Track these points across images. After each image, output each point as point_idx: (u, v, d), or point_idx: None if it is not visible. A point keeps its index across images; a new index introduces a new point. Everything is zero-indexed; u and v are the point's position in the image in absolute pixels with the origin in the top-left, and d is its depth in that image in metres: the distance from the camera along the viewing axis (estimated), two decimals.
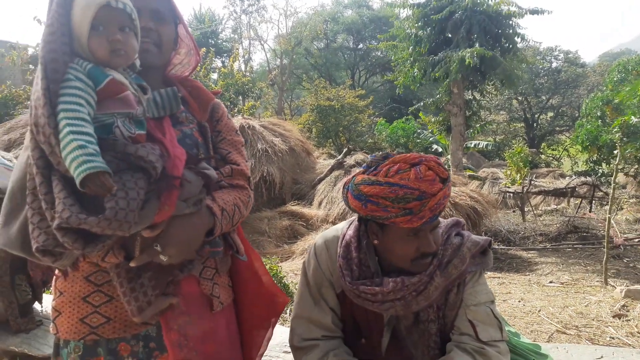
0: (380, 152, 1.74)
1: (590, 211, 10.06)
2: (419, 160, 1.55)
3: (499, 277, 5.78)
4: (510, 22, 10.76)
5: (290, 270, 5.73)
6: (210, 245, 1.35)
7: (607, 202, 9.23)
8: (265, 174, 9.00)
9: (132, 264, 1.18)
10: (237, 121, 9.73)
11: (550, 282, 5.52)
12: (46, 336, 2.72)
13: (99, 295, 1.27)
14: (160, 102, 1.30)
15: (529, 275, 6.07)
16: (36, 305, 3.04)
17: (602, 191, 10.59)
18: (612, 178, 5.79)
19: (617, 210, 10.18)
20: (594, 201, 10.57)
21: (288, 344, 1.83)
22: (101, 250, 1.11)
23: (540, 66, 23.99)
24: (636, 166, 10.16)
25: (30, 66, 12.73)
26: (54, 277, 1.36)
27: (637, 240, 7.74)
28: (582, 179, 11.51)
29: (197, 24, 25.93)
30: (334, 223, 7.87)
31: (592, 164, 11.15)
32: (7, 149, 7.81)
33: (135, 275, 1.21)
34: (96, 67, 1.13)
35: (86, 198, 1.05)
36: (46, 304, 2.92)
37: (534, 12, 10.53)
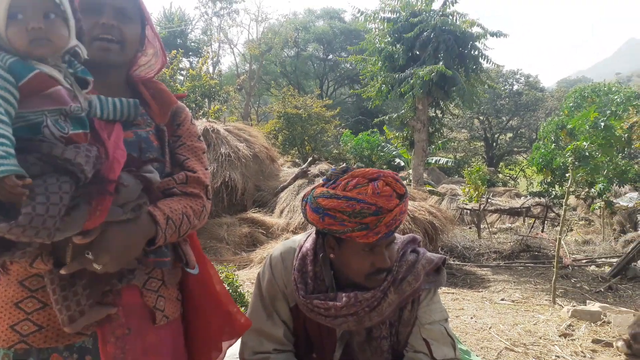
0: (342, 165, 1.75)
1: (542, 231, 10.42)
2: (377, 176, 1.56)
3: (453, 293, 5.88)
4: (476, 43, 11.08)
5: (247, 279, 5.65)
6: (155, 255, 1.28)
7: (559, 223, 9.59)
8: (227, 179, 8.89)
9: (62, 272, 1.10)
10: (201, 124, 9.58)
11: (502, 299, 5.66)
12: None
13: (32, 301, 1.20)
14: (119, 108, 1.25)
15: (482, 291, 6.20)
16: None
17: (554, 212, 10.99)
18: (564, 200, 6.02)
19: (567, 232, 10.59)
20: (546, 222, 10.96)
21: (238, 357, 1.79)
22: (22, 257, 1.04)
23: (502, 88, 24.84)
24: (586, 189, 10.60)
25: None
26: None
27: (584, 261, 8.07)
28: (536, 199, 11.92)
29: (166, 23, 25.51)
30: (294, 232, 7.84)
31: (546, 186, 11.57)
32: None
33: (69, 283, 1.14)
34: (20, 60, 1.03)
35: (15, 204, 0.97)
36: None
37: (494, 34, 10.89)
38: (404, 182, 1.70)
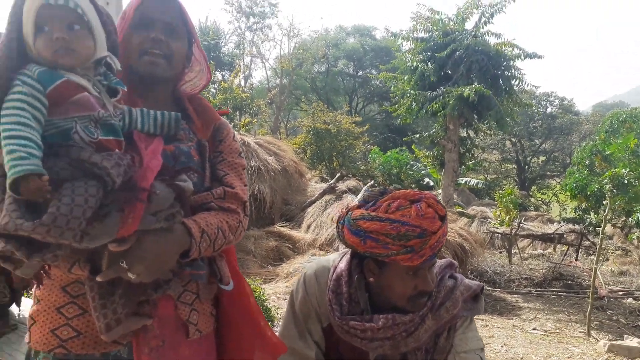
0: (371, 183, 1.74)
1: (576, 259, 10.07)
2: (419, 197, 1.53)
3: (482, 319, 5.72)
4: (510, 64, 10.94)
5: (273, 293, 5.62)
6: (191, 267, 1.27)
7: (594, 251, 9.26)
8: (256, 192, 8.93)
9: (98, 279, 1.11)
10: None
11: (534, 328, 5.46)
12: (19, 342, 2.62)
13: (73, 307, 1.22)
14: (160, 122, 1.27)
15: (512, 319, 6.01)
16: (14, 308, 2.94)
17: (589, 240, 10.63)
18: (601, 228, 5.80)
19: (603, 261, 10.20)
20: (580, 249, 10.60)
21: None
22: (55, 260, 1.05)
23: (535, 110, 24.39)
24: (624, 218, 10.23)
25: None
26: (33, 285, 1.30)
27: (621, 293, 7.74)
28: (570, 226, 11.56)
29: (201, 36, 26.10)
30: (321, 248, 7.79)
31: (580, 212, 11.23)
32: None
33: (107, 291, 1.14)
34: (48, 70, 1.08)
35: (40, 204, 0.99)
36: (24, 307, 2.82)
37: (529, 55, 10.73)
38: None
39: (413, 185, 14.85)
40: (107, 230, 1.04)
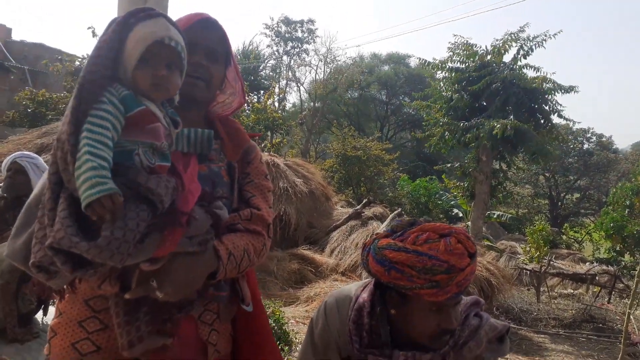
0: (405, 217, 1.71)
1: (608, 302, 9.66)
2: (449, 232, 1.49)
3: (507, 358, 5.51)
4: (548, 97, 10.78)
5: (292, 317, 5.57)
6: (214, 288, 1.30)
7: (628, 295, 8.89)
8: (282, 213, 8.96)
9: (126, 296, 1.13)
10: (262, 157, 9.80)
11: None
12: (40, 349, 2.66)
13: (94, 321, 1.24)
14: (193, 140, 1.30)
15: None
16: (39, 316, 3.00)
17: (623, 283, 10.20)
18: (637, 272, 5.57)
19: (637, 305, 9.75)
20: (613, 292, 10.17)
21: None
22: (92, 276, 1.08)
23: (572, 146, 23.84)
24: None
25: (75, 77, 13.16)
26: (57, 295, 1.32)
27: None
28: (604, 267, 11.14)
29: (242, 59, 26.74)
30: (343, 274, 7.72)
31: (614, 253, 10.82)
32: (39, 152, 7.98)
33: (132, 308, 1.17)
34: (132, 95, 1.14)
35: (91, 221, 1.03)
36: (51, 316, 2.87)
37: (565, 90, 10.56)
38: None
39: (441, 216, 14.64)
40: (145, 251, 1.07)
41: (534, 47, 10.77)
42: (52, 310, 2.91)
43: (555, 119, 10.96)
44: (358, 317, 1.62)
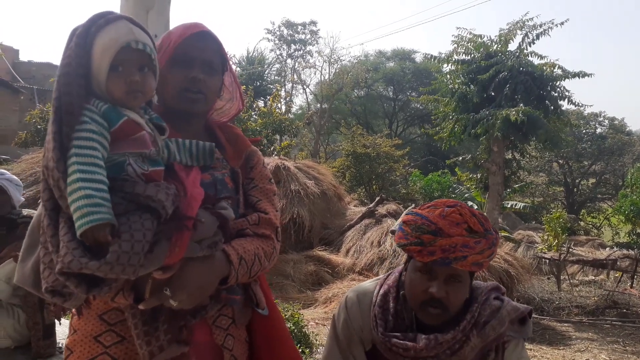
0: (412, 205, 1.81)
1: (631, 286, 9.51)
2: (453, 204, 1.61)
3: (531, 349, 5.45)
4: (556, 84, 10.65)
5: (312, 319, 5.57)
6: (227, 292, 1.29)
7: None
8: (295, 216, 8.95)
9: (141, 307, 1.13)
10: (272, 161, 9.82)
11: None
12: None
13: (110, 335, 1.23)
14: (195, 154, 1.29)
15: (562, 349, 5.70)
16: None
17: None
18: None
19: None
20: (636, 276, 10.01)
21: None
22: (108, 292, 1.08)
23: (584, 131, 23.53)
24: None
25: None
26: (71, 314, 1.33)
27: None
28: (624, 251, 10.98)
29: (247, 65, 26.84)
30: (360, 273, 7.70)
31: (635, 237, 10.64)
32: None
33: (151, 318, 1.17)
34: (112, 107, 1.12)
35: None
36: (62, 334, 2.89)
37: (575, 75, 10.42)
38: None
39: None
40: (156, 259, 1.07)
41: (539, 35, 10.65)
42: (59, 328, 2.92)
43: (565, 104, 10.81)
44: (384, 302, 1.68)
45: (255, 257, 1.30)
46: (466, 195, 14.78)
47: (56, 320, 2.98)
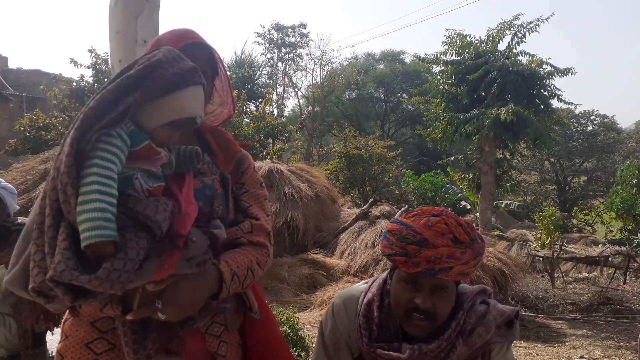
0: (405, 206, 1.78)
1: (624, 283, 9.58)
2: (439, 213, 1.57)
3: (526, 347, 5.47)
4: (545, 82, 10.73)
5: (307, 322, 5.56)
6: (217, 301, 1.29)
7: None
8: (289, 219, 8.94)
9: (128, 318, 1.14)
10: (265, 165, 9.80)
11: (581, 357, 5.19)
12: None
13: (102, 342, 1.24)
14: (182, 158, 1.29)
15: (557, 347, 5.73)
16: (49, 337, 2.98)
17: (637, 262, 10.11)
18: None
19: None
20: (628, 272, 10.08)
21: None
22: (93, 303, 1.09)
23: (575, 129, 23.71)
24: None
25: (72, 100, 13.09)
26: (62, 319, 1.32)
27: None
28: (617, 247, 11.06)
29: (236, 69, 26.79)
30: (355, 275, 7.69)
31: (627, 233, 10.72)
32: (43, 178, 8.01)
33: (140, 327, 1.17)
34: (137, 130, 1.15)
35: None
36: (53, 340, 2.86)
37: (562, 72, 10.49)
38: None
39: (449, 209, 14.57)
40: (144, 275, 1.08)
41: (527, 32, 10.73)
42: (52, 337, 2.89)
43: (555, 103, 10.89)
44: (367, 311, 1.65)
45: (248, 271, 1.31)
46: (459, 195, 14.87)
47: (48, 330, 2.96)
